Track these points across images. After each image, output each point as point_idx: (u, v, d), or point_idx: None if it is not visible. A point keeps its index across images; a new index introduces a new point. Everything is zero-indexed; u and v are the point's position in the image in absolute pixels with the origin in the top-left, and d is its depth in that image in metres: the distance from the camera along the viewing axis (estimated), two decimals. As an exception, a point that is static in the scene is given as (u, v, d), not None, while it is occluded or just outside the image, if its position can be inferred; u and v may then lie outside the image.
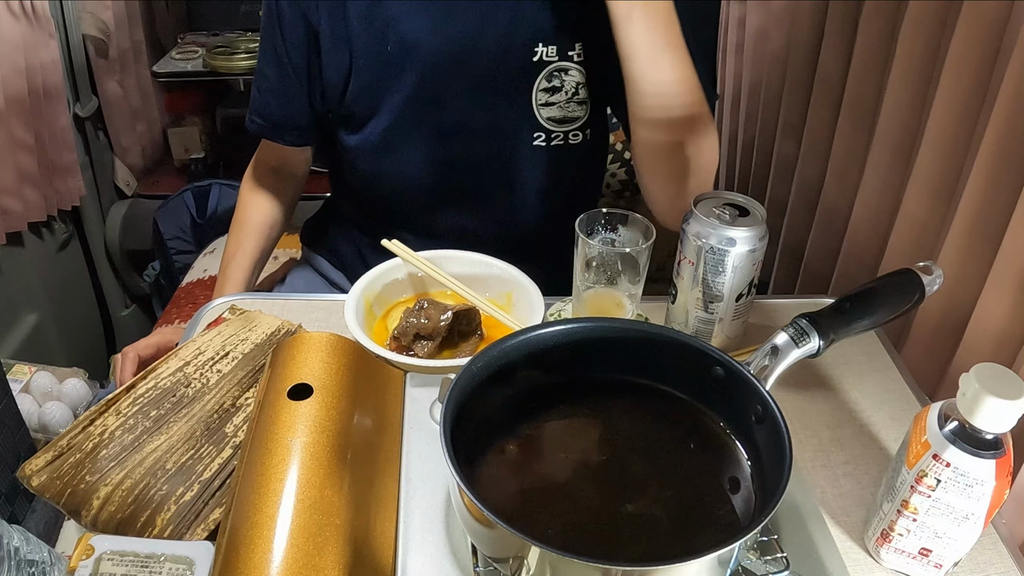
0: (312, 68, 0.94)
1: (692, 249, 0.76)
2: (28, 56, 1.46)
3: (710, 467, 0.62)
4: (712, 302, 0.77)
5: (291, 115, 0.98)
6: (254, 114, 1.00)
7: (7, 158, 1.44)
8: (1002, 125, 0.74)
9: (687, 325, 0.80)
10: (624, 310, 0.79)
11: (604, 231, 0.79)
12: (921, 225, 0.91)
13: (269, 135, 1.01)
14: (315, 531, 0.55)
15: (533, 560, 0.50)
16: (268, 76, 0.96)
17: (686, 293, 0.79)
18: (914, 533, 0.59)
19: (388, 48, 0.91)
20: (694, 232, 0.75)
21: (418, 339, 0.79)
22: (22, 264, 1.57)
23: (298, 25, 0.92)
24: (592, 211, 0.78)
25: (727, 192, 0.78)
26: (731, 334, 0.80)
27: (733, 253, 0.74)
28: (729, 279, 0.76)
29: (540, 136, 0.96)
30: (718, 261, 0.75)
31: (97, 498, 0.63)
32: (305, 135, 1.01)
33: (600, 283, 0.78)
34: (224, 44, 2.01)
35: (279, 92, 0.97)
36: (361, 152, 0.97)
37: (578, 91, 0.94)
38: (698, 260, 0.76)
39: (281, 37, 0.93)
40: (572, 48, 0.92)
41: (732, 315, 0.78)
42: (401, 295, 0.88)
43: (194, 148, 2.05)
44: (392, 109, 0.93)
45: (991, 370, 0.54)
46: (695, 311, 0.79)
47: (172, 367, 0.74)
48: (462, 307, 0.81)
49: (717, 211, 0.75)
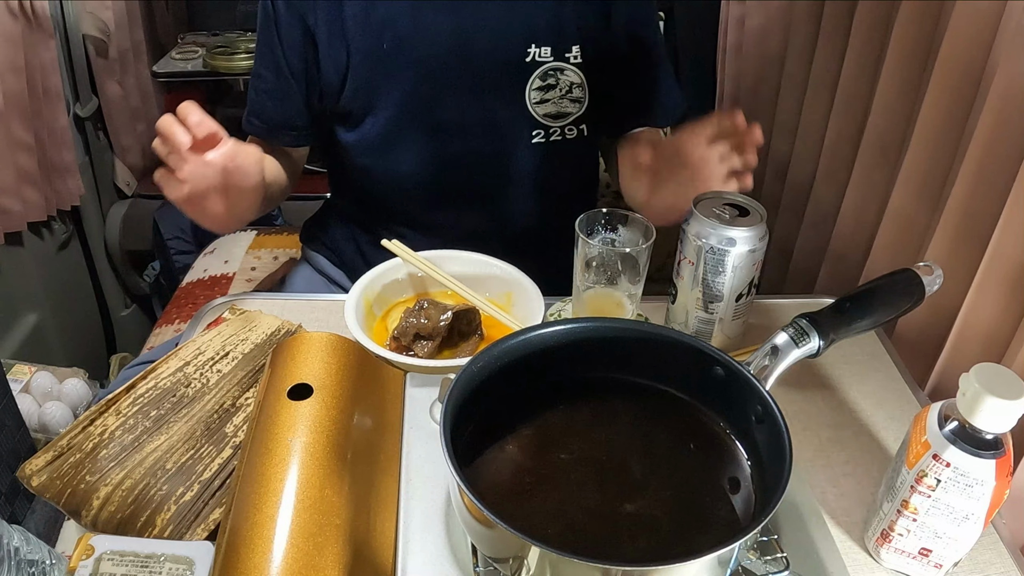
0: (310, 68, 0.94)
1: (692, 249, 0.76)
2: (28, 56, 1.45)
3: (710, 467, 0.62)
4: (712, 302, 0.77)
5: (288, 116, 0.98)
6: (251, 116, 1.00)
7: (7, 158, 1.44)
8: (990, 125, 0.74)
9: (687, 325, 0.80)
10: (624, 310, 0.79)
11: (604, 231, 0.79)
12: (909, 224, 0.91)
13: (266, 136, 1.00)
14: (315, 531, 0.55)
15: (533, 560, 0.50)
16: (265, 78, 0.96)
17: (686, 293, 0.79)
18: (914, 533, 0.59)
19: (384, 46, 0.91)
20: (694, 232, 0.75)
21: (418, 339, 0.79)
22: (22, 264, 1.57)
23: (295, 26, 0.92)
24: (592, 211, 0.79)
25: (727, 192, 0.78)
26: (731, 334, 0.80)
27: (733, 253, 0.74)
28: (729, 279, 0.75)
29: (539, 133, 0.96)
30: (718, 261, 0.74)
31: (97, 498, 0.63)
32: (302, 136, 1.01)
33: (600, 283, 0.78)
34: (224, 44, 2.01)
35: (276, 93, 0.96)
36: (358, 149, 0.98)
37: (572, 90, 0.95)
38: (698, 260, 0.76)
39: (278, 38, 0.93)
40: (568, 50, 0.94)
41: (732, 315, 0.78)
42: (401, 295, 0.88)
43: (194, 148, 2.05)
44: (388, 106, 0.94)
45: (991, 370, 0.54)
46: (695, 311, 0.79)
47: (172, 367, 0.74)
48: (462, 307, 0.81)
49: (717, 211, 0.75)
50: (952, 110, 0.82)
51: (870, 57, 0.97)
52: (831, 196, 1.07)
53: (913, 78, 0.89)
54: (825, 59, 1.07)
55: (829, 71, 1.06)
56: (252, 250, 1.54)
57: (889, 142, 0.94)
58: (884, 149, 0.95)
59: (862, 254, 1.00)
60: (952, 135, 0.83)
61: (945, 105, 0.82)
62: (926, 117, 0.84)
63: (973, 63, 0.78)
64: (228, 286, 1.44)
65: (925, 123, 0.85)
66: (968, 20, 0.77)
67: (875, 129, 0.96)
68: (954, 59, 0.80)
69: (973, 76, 0.79)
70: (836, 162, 1.06)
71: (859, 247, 1.01)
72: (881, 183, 0.96)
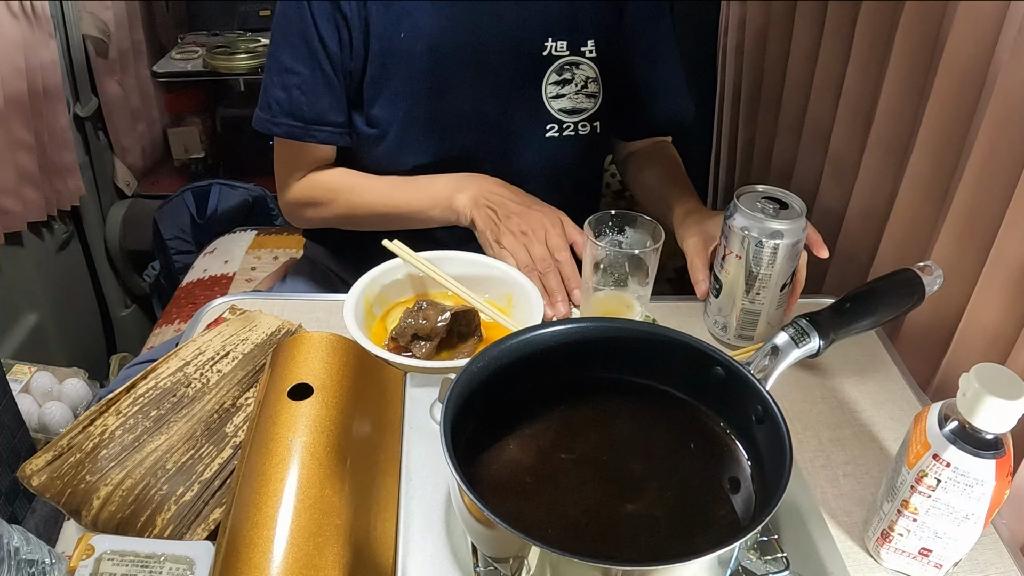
0: (345, 56, 0.93)
1: (738, 242, 0.77)
2: (28, 56, 1.46)
3: (710, 467, 0.62)
4: (759, 293, 0.79)
5: (325, 111, 0.95)
6: (283, 116, 0.95)
7: (7, 158, 1.44)
8: (994, 126, 0.74)
9: (732, 316, 0.82)
10: (633, 312, 0.79)
11: (612, 233, 0.79)
12: (914, 224, 0.91)
13: (302, 135, 0.96)
14: (315, 531, 0.55)
15: (533, 560, 0.50)
16: (298, 72, 0.93)
17: (733, 285, 0.80)
18: (914, 533, 0.59)
19: (401, 36, 0.91)
20: (740, 226, 0.77)
21: (416, 340, 0.79)
22: (22, 264, 1.57)
23: (328, 11, 0.91)
24: (601, 213, 0.79)
25: (763, 186, 0.80)
26: (774, 322, 0.82)
27: (779, 245, 0.76)
28: (776, 270, 0.78)
29: (553, 128, 0.97)
30: (765, 253, 0.76)
31: (97, 498, 0.63)
32: (336, 133, 0.97)
33: (609, 285, 0.78)
34: (224, 44, 2.01)
35: (314, 87, 0.93)
36: (374, 141, 0.97)
37: (587, 84, 0.95)
38: (745, 253, 0.77)
39: (315, 29, 0.91)
40: (584, 44, 0.94)
41: (776, 304, 0.80)
42: (401, 295, 0.88)
43: (194, 148, 2.05)
44: (404, 97, 0.94)
45: (991, 370, 0.54)
46: (742, 303, 0.81)
47: (172, 367, 0.74)
48: (461, 308, 0.81)
49: (759, 205, 0.77)
50: (956, 111, 0.82)
51: (875, 58, 0.97)
52: (837, 197, 1.07)
53: (918, 79, 0.89)
54: (830, 60, 1.07)
55: (834, 72, 1.06)
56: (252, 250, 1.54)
57: (894, 143, 0.95)
58: (889, 150, 0.95)
59: (868, 255, 1.00)
60: (957, 136, 0.83)
61: (949, 106, 0.83)
62: (931, 118, 0.85)
63: (977, 64, 0.78)
64: (228, 286, 1.44)
65: (930, 124, 0.85)
66: (971, 21, 0.77)
67: (880, 130, 0.96)
68: (958, 60, 0.80)
69: (977, 77, 0.79)
70: (842, 164, 1.06)
71: (865, 248, 1.01)
72: (887, 184, 0.96)
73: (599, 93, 0.97)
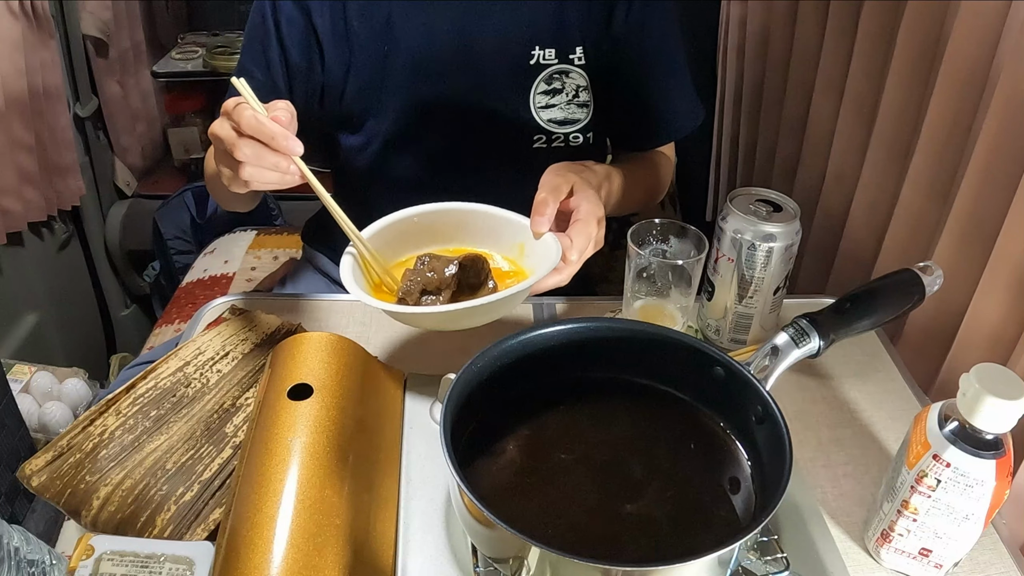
0: (313, 67, 0.94)
1: (730, 245, 0.77)
2: (28, 56, 1.46)
3: (710, 467, 0.62)
4: (752, 296, 0.79)
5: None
6: None
7: (7, 158, 1.44)
8: (997, 126, 0.74)
9: (725, 320, 0.82)
10: (676, 322, 0.78)
11: (656, 242, 0.79)
12: (917, 225, 0.91)
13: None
14: (315, 531, 0.55)
15: (533, 560, 0.50)
16: (255, 77, 0.93)
17: (725, 289, 0.80)
18: (914, 533, 0.59)
19: (385, 48, 0.91)
20: (733, 228, 0.77)
21: (426, 295, 0.72)
22: (22, 264, 1.57)
23: (299, 23, 0.91)
24: (644, 222, 0.78)
25: (756, 188, 0.80)
26: (767, 326, 0.82)
27: (772, 247, 0.75)
28: (769, 273, 0.77)
29: (541, 138, 0.96)
30: (758, 256, 0.76)
31: (97, 498, 0.63)
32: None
33: (651, 294, 0.78)
34: (224, 44, 2.01)
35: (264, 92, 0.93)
36: (360, 152, 0.97)
37: (579, 94, 0.94)
38: (738, 256, 0.77)
39: (277, 36, 0.92)
40: (573, 52, 0.93)
41: (769, 308, 0.80)
42: (396, 258, 0.78)
43: (194, 148, 2.05)
44: (390, 109, 0.93)
45: (991, 370, 0.54)
46: (734, 306, 0.80)
47: (172, 367, 0.74)
48: (468, 256, 0.73)
49: (752, 207, 0.77)
50: (959, 111, 0.82)
51: (877, 58, 0.97)
52: (840, 198, 1.07)
53: (920, 79, 0.89)
54: (832, 60, 1.07)
55: (836, 72, 1.06)
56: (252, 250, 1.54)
57: (897, 144, 0.95)
58: (892, 151, 0.95)
59: (871, 255, 1.00)
60: (959, 136, 0.83)
61: (952, 106, 0.83)
62: (933, 118, 0.85)
63: (979, 64, 0.78)
64: (228, 286, 1.44)
65: (932, 124, 0.85)
66: (974, 21, 0.77)
67: (883, 130, 0.96)
68: (960, 60, 0.80)
69: (979, 77, 0.79)
70: (845, 164, 1.06)
71: (868, 248, 1.01)
72: (890, 185, 0.96)
73: (591, 102, 0.96)
